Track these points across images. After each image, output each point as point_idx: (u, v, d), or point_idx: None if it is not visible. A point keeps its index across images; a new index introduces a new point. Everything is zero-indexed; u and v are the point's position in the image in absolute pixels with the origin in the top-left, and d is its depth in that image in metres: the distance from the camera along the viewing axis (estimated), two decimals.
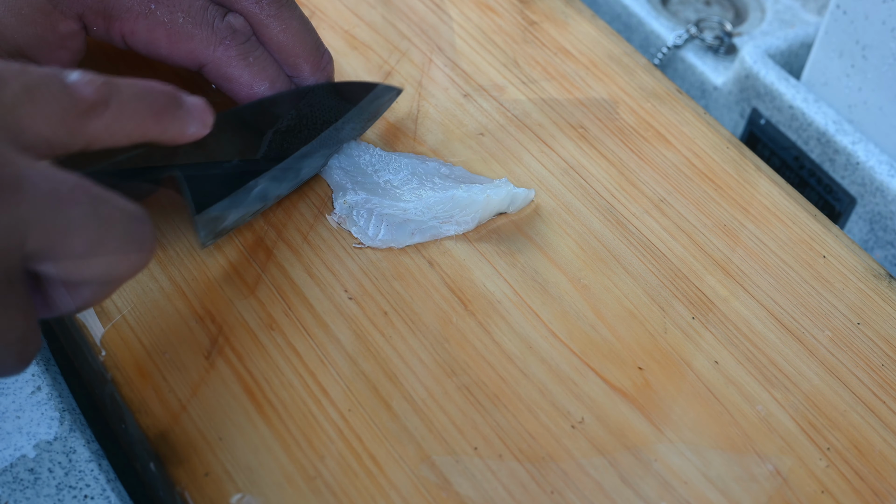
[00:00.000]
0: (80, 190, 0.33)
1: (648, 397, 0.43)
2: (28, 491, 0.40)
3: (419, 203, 0.47)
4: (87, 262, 0.34)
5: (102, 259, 0.34)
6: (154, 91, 0.38)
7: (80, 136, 0.35)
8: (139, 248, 0.35)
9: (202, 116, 0.41)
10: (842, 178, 0.60)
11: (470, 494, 0.39)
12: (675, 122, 0.54)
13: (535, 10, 0.60)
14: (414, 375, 0.42)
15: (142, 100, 0.38)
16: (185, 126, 0.40)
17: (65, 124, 0.35)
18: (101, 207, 0.34)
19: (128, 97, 0.37)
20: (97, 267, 0.34)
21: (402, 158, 0.49)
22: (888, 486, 0.41)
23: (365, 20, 0.57)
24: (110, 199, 0.34)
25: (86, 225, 0.33)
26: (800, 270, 0.48)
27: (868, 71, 0.58)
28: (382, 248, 0.46)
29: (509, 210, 0.48)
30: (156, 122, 0.38)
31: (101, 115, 0.36)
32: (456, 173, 0.49)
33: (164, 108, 0.39)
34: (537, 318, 0.45)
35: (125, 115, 0.37)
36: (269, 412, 0.40)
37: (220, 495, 0.38)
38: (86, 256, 0.34)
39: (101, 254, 0.34)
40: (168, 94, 0.39)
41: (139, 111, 0.37)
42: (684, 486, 0.40)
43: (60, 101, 0.34)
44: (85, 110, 0.35)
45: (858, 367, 0.45)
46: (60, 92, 0.34)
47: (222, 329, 0.43)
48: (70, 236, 0.33)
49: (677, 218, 0.50)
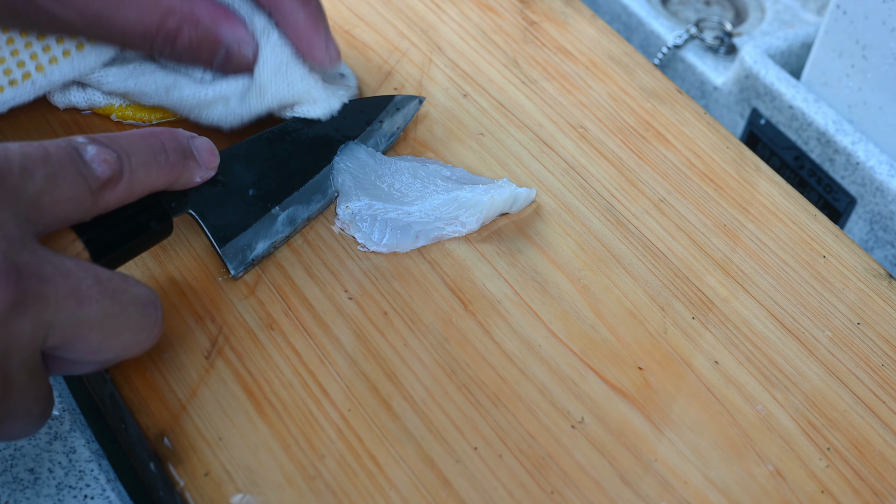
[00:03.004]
0: (98, 287, 0.34)
1: (648, 397, 0.43)
2: (28, 491, 0.40)
3: (423, 206, 0.47)
4: (100, 350, 0.35)
5: (114, 347, 0.36)
6: (166, 146, 0.39)
7: (94, 210, 0.36)
8: (149, 334, 0.37)
9: (209, 160, 0.42)
10: (842, 178, 0.60)
11: (470, 494, 0.39)
12: (675, 122, 0.54)
13: (535, 10, 0.60)
14: (414, 375, 0.42)
15: (153, 161, 0.38)
16: (194, 175, 0.41)
17: (82, 205, 0.36)
18: (116, 303, 0.35)
19: (138, 165, 0.38)
20: (108, 353, 0.36)
21: (402, 162, 0.49)
22: (888, 486, 0.41)
23: (365, 20, 0.57)
24: (126, 289, 0.35)
25: (102, 323, 0.34)
26: (800, 270, 0.48)
27: (868, 71, 0.58)
28: (387, 253, 0.46)
29: (512, 210, 0.48)
30: (166, 179, 0.39)
31: (114, 188, 0.37)
32: (457, 174, 0.49)
33: (175, 164, 0.40)
34: (537, 318, 0.45)
35: (137, 182, 0.38)
36: (269, 412, 0.40)
37: (220, 495, 0.38)
38: (100, 348, 0.35)
39: (115, 345, 0.36)
40: (178, 147, 0.40)
41: (150, 175, 0.38)
42: (684, 486, 0.40)
43: (78, 184, 0.35)
44: (100, 188, 0.36)
45: (858, 367, 0.45)
46: (78, 175, 0.35)
47: (222, 329, 0.43)
48: (88, 333, 0.34)
49: (677, 218, 0.50)
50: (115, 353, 0.36)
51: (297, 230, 0.46)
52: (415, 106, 0.52)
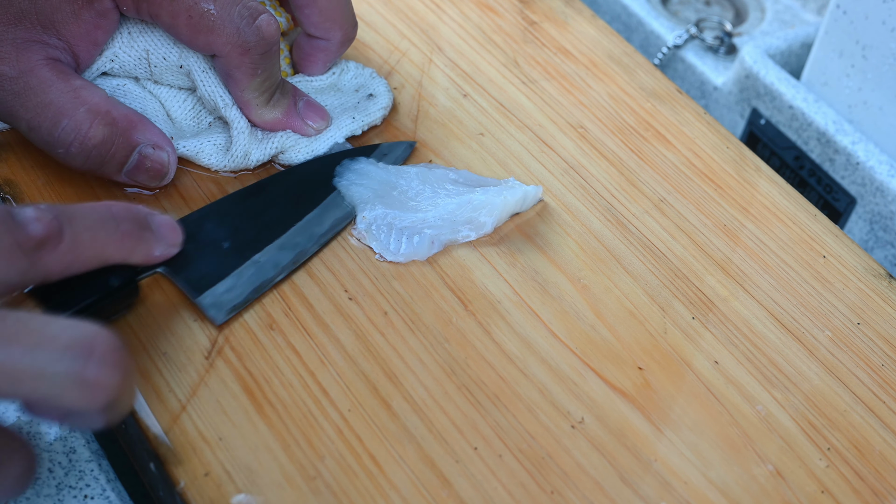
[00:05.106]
0: (19, 329, 0.31)
1: (648, 397, 0.43)
2: (28, 491, 0.40)
3: (436, 211, 0.47)
4: (30, 403, 0.32)
5: (30, 395, 0.31)
6: (116, 217, 0.38)
7: (34, 272, 0.35)
8: (79, 384, 0.32)
9: (170, 237, 0.41)
10: (842, 178, 0.60)
11: (470, 494, 0.39)
12: (675, 122, 0.54)
13: (535, 10, 0.60)
14: (414, 375, 0.42)
15: (100, 228, 0.37)
16: (151, 249, 0.40)
17: (15, 264, 0.34)
18: (15, 345, 0.31)
19: (82, 228, 0.36)
20: (42, 409, 0.32)
21: (410, 169, 0.49)
22: (888, 486, 0.41)
23: (365, 20, 0.57)
24: (39, 330, 0.31)
25: (25, 369, 0.31)
26: (800, 270, 0.48)
27: (868, 71, 0.58)
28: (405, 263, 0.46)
29: (522, 209, 0.48)
30: (118, 248, 0.38)
31: (54, 249, 0.35)
32: (463, 177, 0.49)
33: (128, 234, 0.38)
34: (537, 319, 0.45)
35: (81, 246, 0.36)
36: (269, 412, 0.40)
37: (220, 495, 0.38)
38: (13, 396, 0.31)
39: (29, 392, 0.31)
40: (132, 220, 0.39)
41: (97, 240, 0.37)
42: (684, 486, 0.40)
43: (9, 242, 0.34)
44: (35, 247, 0.34)
45: (858, 367, 0.45)
46: (7, 234, 0.34)
47: (222, 329, 0.43)
48: (12, 380, 0.31)
49: (677, 218, 0.50)
50: (48, 404, 0.32)
51: (285, 272, 0.45)
52: (404, 151, 0.50)
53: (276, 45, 0.46)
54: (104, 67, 0.47)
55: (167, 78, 0.48)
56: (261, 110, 0.47)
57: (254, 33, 0.45)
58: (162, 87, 0.49)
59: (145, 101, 0.48)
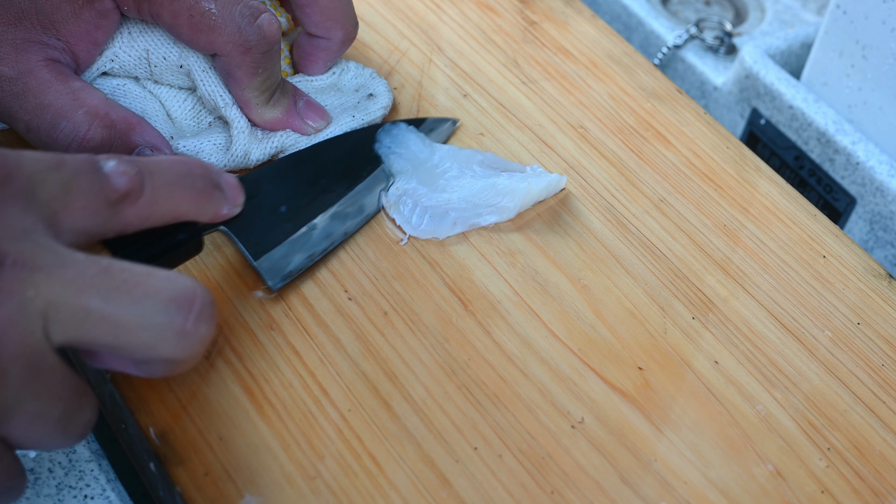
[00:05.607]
0: (103, 277, 0.32)
1: (648, 397, 0.43)
2: (28, 491, 0.40)
3: (462, 193, 0.47)
4: (119, 347, 0.33)
5: (133, 345, 0.33)
6: (192, 174, 0.39)
7: (114, 223, 0.36)
8: (174, 335, 0.34)
9: (235, 197, 0.41)
10: (842, 178, 0.60)
11: (470, 494, 0.39)
12: (675, 122, 0.54)
13: (535, 10, 0.60)
14: (414, 375, 0.42)
15: (178, 184, 0.38)
16: (220, 207, 0.41)
17: (99, 215, 0.35)
18: (125, 295, 0.32)
19: (162, 183, 0.37)
20: (135, 352, 0.34)
21: (442, 146, 0.50)
22: (888, 486, 0.41)
23: (365, 20, 0.57)
24: (143, 283, 0.33)
25: (108, 316, 0.32)
26: (800, 270, 0.48)
27: (868, 71, 0.58)
28: (423, 238, 0.47)
29: (545, 196, 0.49)
30: (191, 205, 0.39)
31: (135, 203, 0.36)
32: (490, 160, 0.50)
33: (202, 192, 0.39)
34: (537, 319, 0.45)
35: (160, 201, 0.37)
36: (269, 412, 0.40)
37: (220, 495, 0.38)
38: (117, 344, 0.33)
39: (133, 343, 0.33)
40: (206, 177, 0.39)
41: (174, 196, 0.38)
42: (684, 486, 0.40)
43: (95, 193, 0.35)
44: (118, 200, 0.35)
45: (858, 367, 0.45)
46: (94, 184, 0.35)
47: (222, 329, 0.43)
48: (92, 326, 0.32)
49: (677, 218, 0.50)
50: (143, 353, 0.34)
51: (334, 244, 0.46)
52: (448, 128, 0.52)
53: (278, 44, 0.46)
54: (104, 67, 0.47)
55: (167, 78, 0.48)
56: (261, 110, 0.47)
57: (255, 32, 0.45)
58: (162, 86, 0.49)
59: (145, 100, 0.48)
